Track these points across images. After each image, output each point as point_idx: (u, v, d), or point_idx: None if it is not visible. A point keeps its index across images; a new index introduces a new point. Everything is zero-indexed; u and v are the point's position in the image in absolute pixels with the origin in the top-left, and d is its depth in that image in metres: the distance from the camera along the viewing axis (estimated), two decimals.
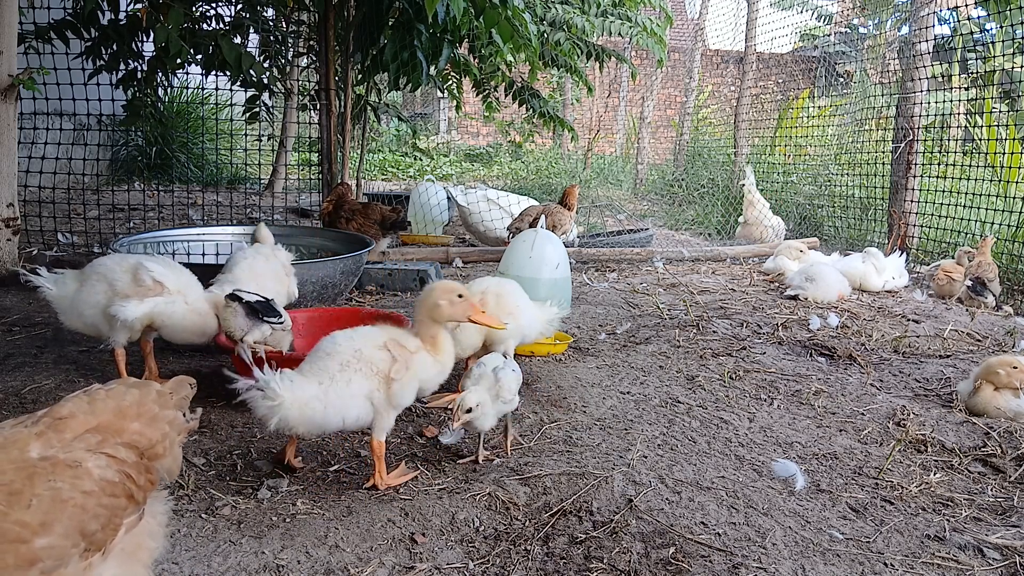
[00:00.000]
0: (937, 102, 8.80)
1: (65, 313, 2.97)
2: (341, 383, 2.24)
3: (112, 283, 2.89)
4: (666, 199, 11.18)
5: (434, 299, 2.41)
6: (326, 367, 2.27)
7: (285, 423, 2.18)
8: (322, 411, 2.21)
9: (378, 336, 2.36)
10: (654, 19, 7.78)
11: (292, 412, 2.17)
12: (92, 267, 2.98)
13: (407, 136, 16.79)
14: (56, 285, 2.94)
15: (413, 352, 2.37)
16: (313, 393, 2.20)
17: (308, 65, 8.67)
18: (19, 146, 4.77)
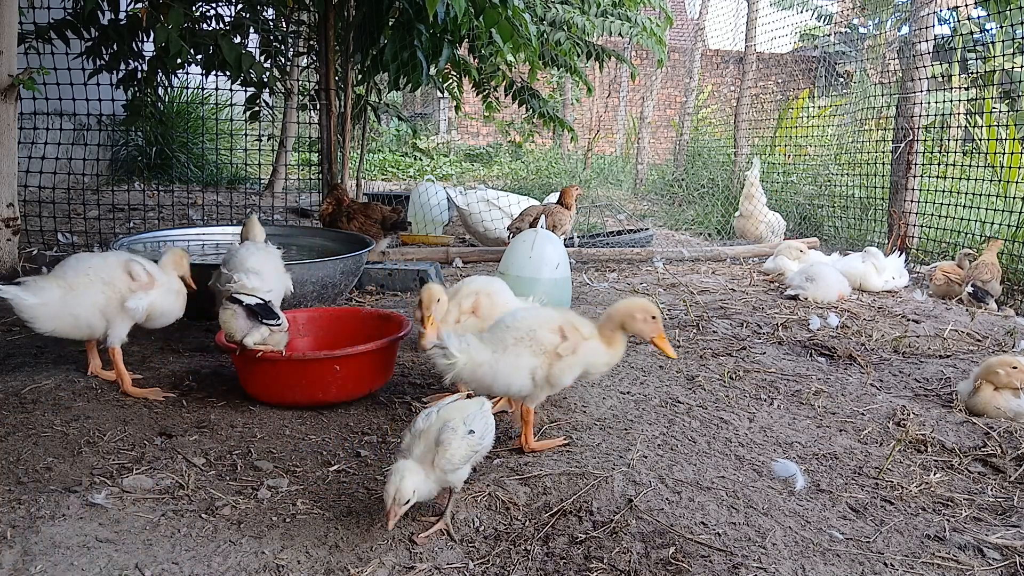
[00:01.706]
0: (937, 102, 8.80)
1: (48, 318, 2.84)
2: (512, 355, 2.48)
3: (110, 282, 2.94)
4: (666, 199, 11.18)
5: (631, 311, 2.57)
6: (502, 338, 2.52)
7: (459, 379, 2.49)
8: (491, 376, 2.47)
9: (556, 318, 2.58)
10: (654, 19, 7.78)
11: (465, 372, 2.46)
12: (75, 269, 2.93)
13: (407, 136, 16.79)
14: (34, 294, 2.80)
15: (586, 338, 2.55)
16: (486, 359, 2.46)
17: (308, 65, 8.67)
18: (19, 146, 4.77)
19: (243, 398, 3.00)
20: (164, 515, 2.13)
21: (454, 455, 2.02)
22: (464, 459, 2.07)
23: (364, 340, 3.09)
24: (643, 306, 2.58)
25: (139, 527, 2.06)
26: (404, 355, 3.62)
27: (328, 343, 3.34)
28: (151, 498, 2.23)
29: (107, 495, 2.20)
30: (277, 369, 2.89)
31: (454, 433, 2.04)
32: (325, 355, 2.88)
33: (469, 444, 2.07)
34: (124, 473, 2.36)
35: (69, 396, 2.94)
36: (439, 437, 2.03)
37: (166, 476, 2.36)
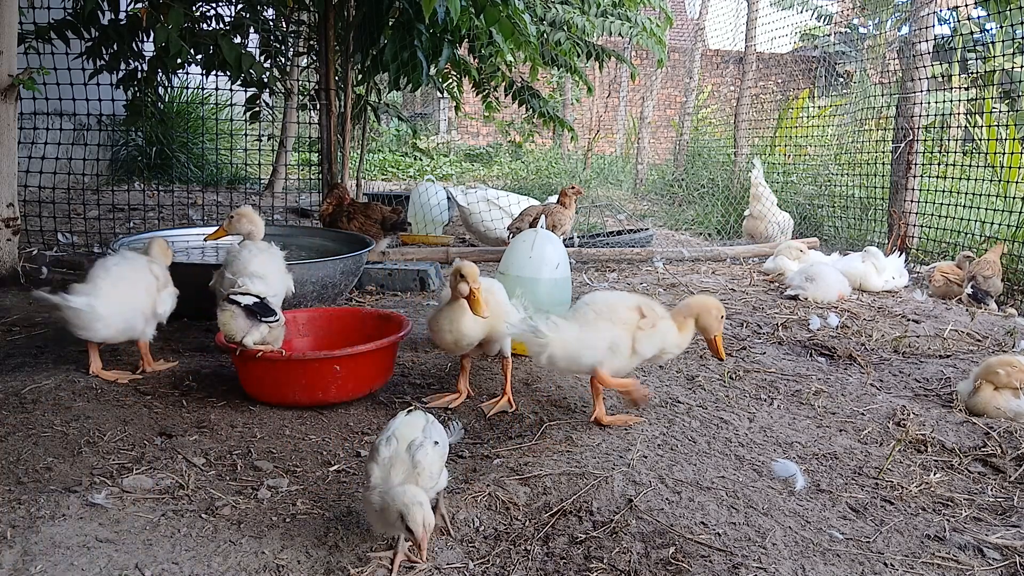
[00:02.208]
0: (937, 102, 8.80)
1: (98, 323, 2.97)
2: (594, 329, 2.73)
3: (149, 284, 3.19)
4: (666, 199, 11.17)
5: (708, 306, 2.87)
6: (584, 315, 2.78)
7: (552, 359, 2.71)
8: (578, 349, 2.71)
9: (632, 299, 2.85)
10: (654, 19, 7.77)
11: (557, 350, 2.69)
12: (119, 271, 3.10)
13: (407, 136, 16.78)
14: (102, 303, 2.96)
15: (661, 317, 2.83)
16: (573, 335, 2.71)
17: (308, 65, 8.66)
18: (19, 146, 4.77)
19: (243, 398, 3.00)
20: (164, 515, 2.13)
21: (432, 469, 1.99)
22: (439, 469, 2.04)
23: (364, 340, 3.09)
24: (717, 304, 2.90)
25: (139, 527, 2.06)
26: (404, 355, 3.62)
27: (328, 343, 3.34)
28: (151, 498, 2.23)
29: (107, 495, 2.20)
30: (277, 369, 2.89)
31: (426, 450, 1.98)
32: (325, 355, 2.88)
33: (439, 455, 2.04)
34: (124, 473, 2.36)
35: (69, 396, 2.94)
36: (415, 458, 1.95)
37: (166, 476, 2.36)
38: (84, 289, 2.97)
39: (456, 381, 3.16)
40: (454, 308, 2.87)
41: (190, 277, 3.68)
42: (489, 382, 3.34)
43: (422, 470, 1.95)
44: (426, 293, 5.01)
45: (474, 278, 2.77)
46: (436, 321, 2.93)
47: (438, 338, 2.96)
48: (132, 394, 3.02)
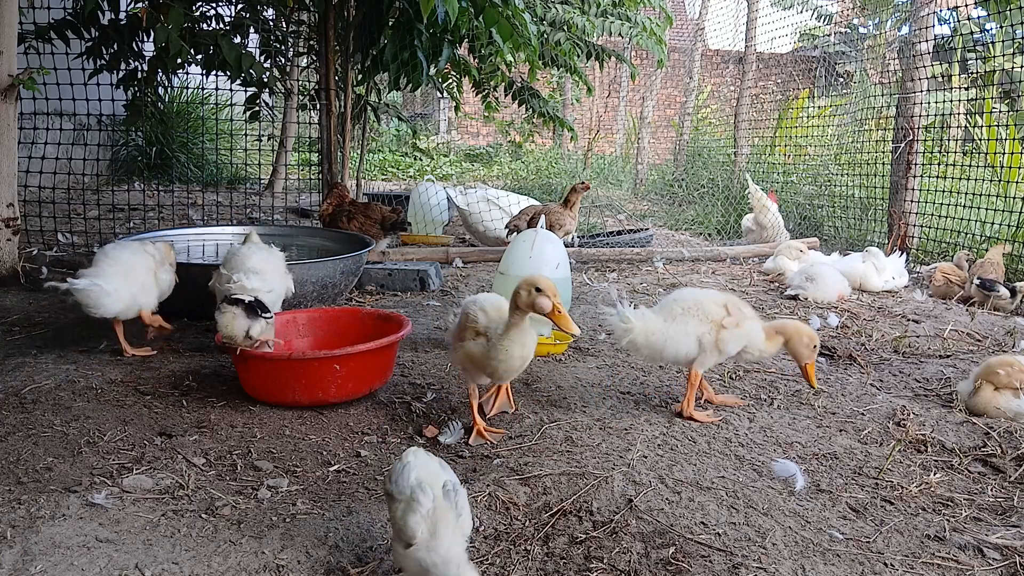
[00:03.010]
0: (937, 102, 8.80)
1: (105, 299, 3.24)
2: (680, 323, 2.82)
3: (146, 261, 3.46)
4: (666, 199, 11.17)
5: (802, 334, 2.95)
6: (672, 309, 2.87)
7: (632, 344, 2.81)
8: (662, 341, 2.80)
9: (720, 296, 2.95)
10: (654, 19, 7.77)
11: (639, 338, 2.79)
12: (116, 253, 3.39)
13: (407, 136, 16.78)
14: (106, 281, 3.24)
15: (748, 317, 2.92)
16: (658, 326, 2.80)
17: (308, 65, 8.66)
18: (19, 146, 4.77)
19: (243, 398, 3.00)
20: (164, 515, 2.13)
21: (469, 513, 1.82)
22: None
23: (364, 340, 3.09)
24: (811, 334, 2.96)
25: (139, 527, 2.06)
26: (404, 355, 3.62)
27: (328, 343, 3.34)
28: (151, 498, 2.23)
29: (107, 495, 2.20)
30: (277, 369, 2.89)
31: (463, 493, 1.81)
32: (325, 355, 2.88)
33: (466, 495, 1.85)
34: (124, 473, 2.36)
35: (69, 396, 2.94)
36: (458, 505, 1.75)
37: (166, 476, 2.36)
38: (87, 272, 3.27)
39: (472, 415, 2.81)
40: (521, 330, 2.59)
41: (190, 277, 3.69)
42: None
43: (466, 518, 1.78)
44: (426, 293, 5.01)
45: (555, 291, 2.56)
46: (495, 350, 2.59)
47: (492, 368, 2.64)
48: (132, 394, 3.03)
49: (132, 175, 9.15)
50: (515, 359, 2.61)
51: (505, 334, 2.58)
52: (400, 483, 1.76)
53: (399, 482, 1.76)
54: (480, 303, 2.72)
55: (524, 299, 2.55)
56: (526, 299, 2.55)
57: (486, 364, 2.63)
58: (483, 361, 2.63)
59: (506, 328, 2.58)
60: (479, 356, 2.64)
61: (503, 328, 2.59)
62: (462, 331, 2.71)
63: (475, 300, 2.75)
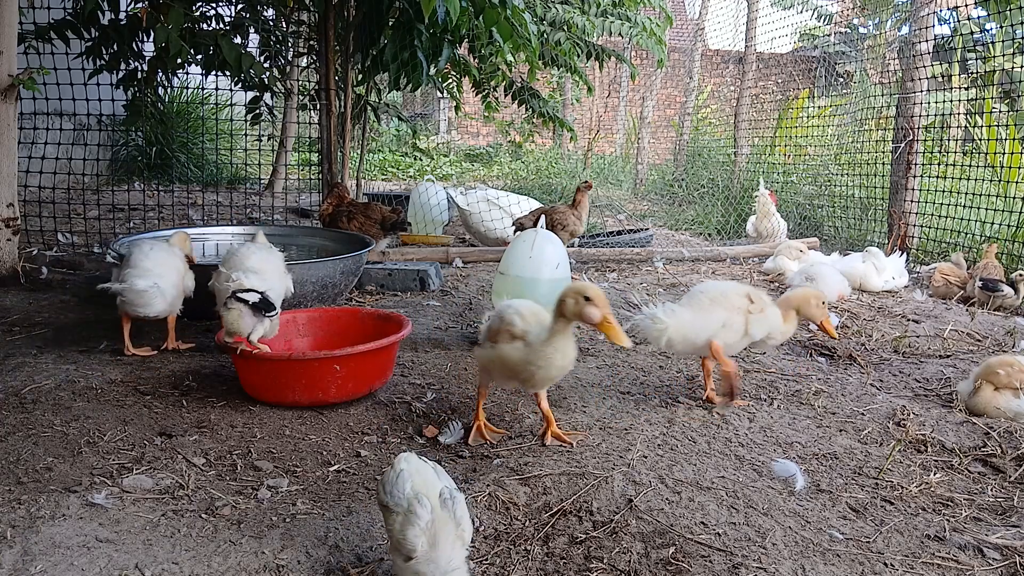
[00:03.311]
0: (937, 102, 8.79)
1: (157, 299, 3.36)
2: (708, 312, 2.95)
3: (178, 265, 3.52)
4: (666, 199, 11.17)
5: (807, 297, 3.12)
6: (699, 301, 2.99)
7: (670, 343, 2.91)
8: (694, 332, 2.92)
9: (742, 287, 3.08)
10: (654, 19, 7.77)
11: (675, 335, 2.89)
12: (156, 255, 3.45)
13: (407, 136, 16.78)
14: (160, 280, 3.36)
15: (768, 304, 3.07)
16: (688, 319, 2.92)
17: (308, 65, 8.66)
18: (19, 146, 4.77)
19: (243, 398, 3.00)
20: (164, 515, 2.13)
21: (468, 522, 1.79)
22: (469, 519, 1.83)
23: (364, 340, 3.09)
24: (815, 293, 3.16)
25: (139, 527, 2.06)
26: (404, 355, 3.62)
27: (328, 343, 3.34)
28: (151, 498, 2.23)
29: (107, 495, 2.20)
30: (277, 369, 2.89)
31: (461, 501, 1.77)
32: (325, 355, 2.88)
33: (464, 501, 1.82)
34: (124, 473, 2.36)
35: (69, 396, 2.94)
36: (457, 515, 1.73)
37: (166, 476, 2.36)
38: (136, 272, 3.33)
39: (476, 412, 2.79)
40: (566, 339, 2.50)
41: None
42: None
43: (466, 526, 1.75)
44: (426, 293, 5.01)
45: (605, 301, 2.44)
46: (535, 355, 2.49)
47: (528, 374, 2.53)
48: (132, 394, 3.03)
49: (132, 175, 9.15)
50: (554, 367, 2.52)
51: (548, 341, 2.48)
52: (395, 494, 1.71)
53: (394, 493, 1.72)
54: (516, 307, 2.62)
55: (571, 307, 2.44)
56: (573, 308, 2.43)
57: (522, 369, 2.52)
58: (519, 366, 2.52)
59: (550, 335, 2.48)
60: (516, 360, 2.53)
61: (545, 334, 2.49)
62: (495, 333, 2.61)
63: (510, 304, 2.66)
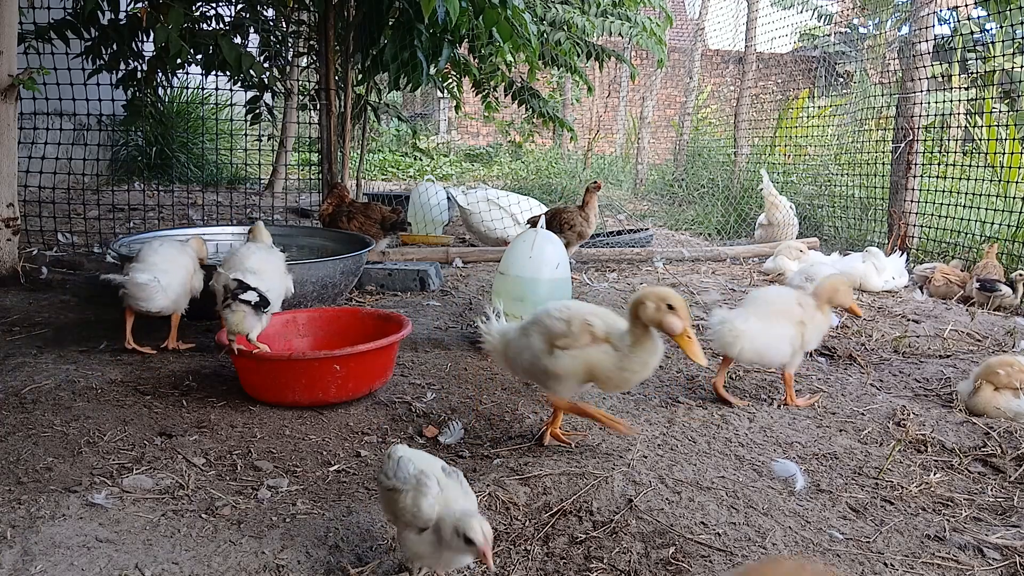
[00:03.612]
0: (937, 102, 8.79)
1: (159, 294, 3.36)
2: (775, 325, 3.01)
3: (188, 264, 3.55)
4: (666, 199, 11.17)
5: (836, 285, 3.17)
6: (766, 312, 3.04)
7: (742, 352, 2.97)
8: (764, 344, 2.96)
9: (793, 295, 3.16)
10: (654, 19, 7.77)
11: (746, 343, 2.94)
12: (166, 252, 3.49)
13: (407, 136, 16.77)
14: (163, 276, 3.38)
15: (817, 309, 3.12)
16: (760, 329, 2.96)
17: (308, 65, 8.66)
18: (19, 146, 4.77)
19: (243, 398, 3.00)
20: (164, 515, 2.13)
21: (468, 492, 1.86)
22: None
23: (364, 340, 3.09)
24: (841, 280, 3.22)
25: (139, 527, 2.06)
26: (404, 355, 3.62)
27: (328, 343, 3.34)
28: (151, 498, 2.23)
29: (107, 495, 2.20)
30: (277, 369, 2.89)
31: (459, 473, 1.86)
32: (325, 355, 2.89)
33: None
34: (124, 473, 2.36)
35: (69, 396, 2.94)
36: (461, 481, 1.83)
37: (166, 476, 2.36)
38: (141, 267, 3.36)
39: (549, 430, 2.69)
40: (655, 342, 2.39)
41: None
42: (489, 382, 3.34)
43: (471, 495, 1.83)
44: (426, 293, 5.01)
45: (687, 313, 2.32)
46: (628, 360, 2.37)
47: (619, 379, 2.42)
48: (132, 394, 3.03)
49: (132, 175, 9.15)
50: (649, 370, 2.42)
51: (639, 346, 2.36)
52: (401, 474, 1.78)
53: (399, 474, 1.79)
54: (584, 308, 2.48)
55: (650, 313, 2.32)
56: (652, 314, 2.32)
57: (612, 373, 2.39)
58: (610, 371, 2.39)
59: (637, 340, 2.36)
60: (606, 365, 2.38)
61: (629, 338, 2.37)
62: (561, 338, 2.43)
63: (567, 306, 2.50)
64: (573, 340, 2.42)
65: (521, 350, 2.56)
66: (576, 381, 2.47)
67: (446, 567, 1.78)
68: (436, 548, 1.71)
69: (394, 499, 1.78)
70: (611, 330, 2.42)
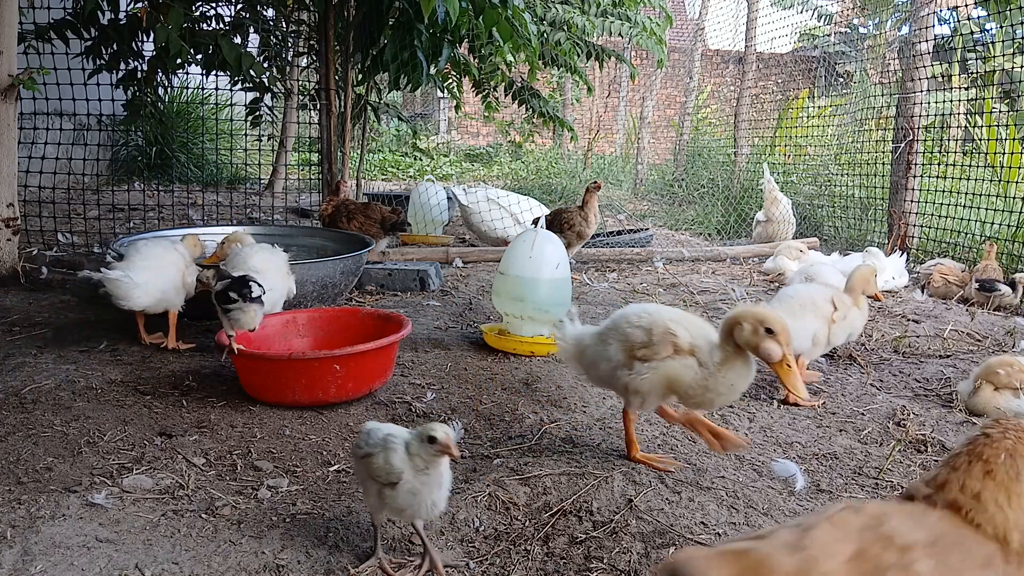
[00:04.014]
0: (937, 102, 8.79)
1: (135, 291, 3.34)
2: (800, 319, 3.05)
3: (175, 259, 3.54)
4: (666, 199, 11.17)
5: (866, 276, 3.36)
6: (791, 307, 3.11)
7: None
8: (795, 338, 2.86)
9: (826, 291, 3.29)
10: (654, 19, 7.77)
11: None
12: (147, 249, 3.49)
13: (407, 136, 16.78)
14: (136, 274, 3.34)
15: (850, 306, 3.26)
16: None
17: (308, 65, 8.66)
18: (19, 146, 4.77)
19: (243, 398, 3.00)
20: (164, 515, 2.13)
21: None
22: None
23: (364, 340, 3.09)
24: (870, 269, 3.42)
25: (139, 527, 2.06)
26: (404, 355, 3.62)
27: (328, 343, 3.34)
28: (151, 498, 2.23)
29: (107, 495, 2.20)
30: (277, 369, 2.89)
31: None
32: (325, 354, 2.88)
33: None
34: (124, 473, 2.36)
35: (69, 396, 2.94)
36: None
37: (166, 476, 2.36)
38: (120, 265, 3.39)
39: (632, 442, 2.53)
40: (748, 365, 2.23)
41: None
42: (489, 383, 3.34)
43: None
44: (426, 293, 5.01)
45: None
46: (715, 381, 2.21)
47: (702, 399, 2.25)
48: (132, 394, 3.03)
49: (132, 175, 9.14)
50: (735, 394, 2.25)
51: (728, 366, 2.19)
52: (371, 440, 1.95)
53: (369, 440, 1.95)
54: (668, 314, 2.30)
55: (746, 336, 2.15)
56: (748, 337, 2.15)
57: (694, 390, 2.23)
58: (693, 389, 2.22)
59: (727, 359, 2.20)
60: (687, 381, 2.22)
61: (719, 356, 2.20)
62: (641, 348, 2.27)
63: (649, 311, 2.33)
64: (654, 350, 2.24)
65: (598, 359, 2.40)
66: (656, 396, 2.30)
67: (428, 511, 1.89)
68: (413, 492, 1.86)
69: (369, 464, 1.91)
70: (698, 341, 2.23)
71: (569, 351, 2.54)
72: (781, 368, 2.16)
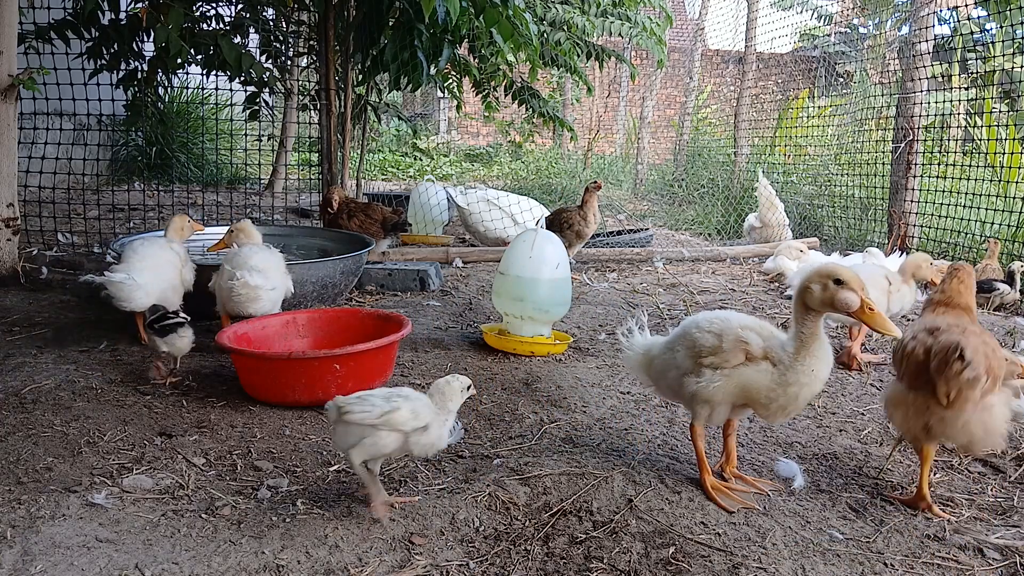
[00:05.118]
0: (937, 102, 8.79)
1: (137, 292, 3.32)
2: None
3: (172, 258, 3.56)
4: (666, 199, 11.17)
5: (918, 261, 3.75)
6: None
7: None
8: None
9: (882, 269, 3.72)
10: (654, 19, 7.77)
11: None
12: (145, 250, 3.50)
13: (407, 136, 16.78)
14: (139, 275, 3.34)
15: (902, 283, 3.70)
16: None
17: (308, 65, 8.66)
18: (19, 146, 4.77)
19: (243, 398, 3.00)
20: (164, 515, 2.13)
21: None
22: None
23: (364, 340, 3.09)
24: (924, 256, 3.76)
25: (139, 527, 2.06)
26: (404, 355, 3.62)
27: (328, 343, 3.34)
28: (151, 498, 2.23)
29: (107, 495, 2.20)
30: (277, 369, 2.89)
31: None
32: (325, 354, 2.89)
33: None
34: (124, 473, 2.36)
35: (69, 396, 2.94)
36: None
37: (166, 476, 2.36)
38: (120, 267, 3.37)
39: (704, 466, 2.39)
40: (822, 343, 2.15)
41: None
42: (489, 383, 3.33)
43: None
44: (426, 293, 5.01)
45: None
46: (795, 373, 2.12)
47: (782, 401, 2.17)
48: (132, 394, 3.03)
49: (132, 175, 9.14)
50: (819, 383, 2.14)
51: (804, 350, 2.10)
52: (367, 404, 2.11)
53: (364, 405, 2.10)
54: (738, 320, 2.23)
55: (817, 295, 2.07)
56: (821, 295, 2.07)
57: (775, 393, 2.14)
58: (770, 390, 2.14)
59: (801, 343, 2.10)
60: (763, 385, 2.13)
61: (793, 346, 2.11)
62: (710, 355, 2.19)
63: (720, 317, 2.26)
64: (724, 358, 2.16)
65: (666, 368, 2.32)
66: (726, 407, 2.23)
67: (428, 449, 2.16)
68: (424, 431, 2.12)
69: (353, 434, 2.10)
70: (770, 343, 2.15)
71: (636, 361, 2.46)
72: (864, 313, 2.06)
